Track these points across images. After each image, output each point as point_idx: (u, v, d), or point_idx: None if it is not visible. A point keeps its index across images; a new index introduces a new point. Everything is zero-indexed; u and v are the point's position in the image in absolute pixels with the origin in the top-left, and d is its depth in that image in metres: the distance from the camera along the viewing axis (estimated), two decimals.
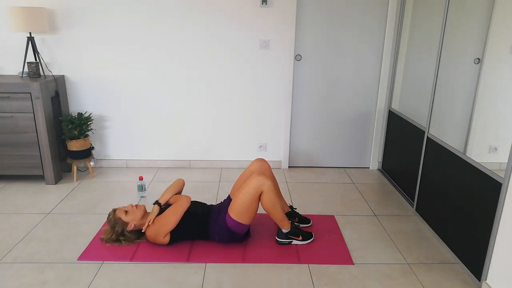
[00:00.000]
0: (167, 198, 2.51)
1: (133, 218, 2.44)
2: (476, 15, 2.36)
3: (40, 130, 3.20)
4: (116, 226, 2.43)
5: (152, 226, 2.41)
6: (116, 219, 2.43)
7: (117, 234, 2.43)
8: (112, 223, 2.44)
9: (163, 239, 2.41)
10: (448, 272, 2.30)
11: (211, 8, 3.40)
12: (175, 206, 2.41)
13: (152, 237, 2.42)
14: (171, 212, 2.39)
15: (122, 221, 2.42)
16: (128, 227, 2.43)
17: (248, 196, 2.33)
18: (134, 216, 2.44)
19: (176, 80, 3.60)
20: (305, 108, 3.74)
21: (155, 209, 2.45)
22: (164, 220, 2.39)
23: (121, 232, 2.43)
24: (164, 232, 2.38)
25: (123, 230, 2.43)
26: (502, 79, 2.10)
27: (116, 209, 2.49)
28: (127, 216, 2.43)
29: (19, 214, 2.86)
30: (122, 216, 2.43)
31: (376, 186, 3.50)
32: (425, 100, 2.95)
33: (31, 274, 2.20)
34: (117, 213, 2.45)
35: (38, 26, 3.16)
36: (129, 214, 2.44)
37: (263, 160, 2.68)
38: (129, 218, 2.43)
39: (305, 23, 3.51)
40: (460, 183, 2.40)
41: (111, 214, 2.47)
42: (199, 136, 3.77)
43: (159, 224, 2.39)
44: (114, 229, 2.44)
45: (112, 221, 2.44)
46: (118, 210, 2.46)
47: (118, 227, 2.43)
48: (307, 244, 2.53)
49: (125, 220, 2.43)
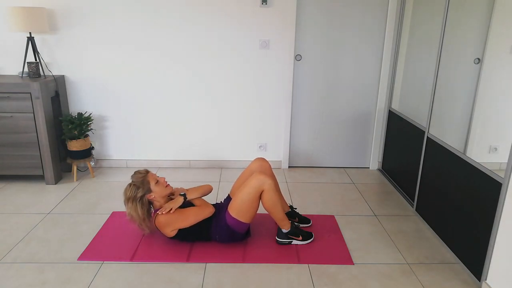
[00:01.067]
0: (194, 197, 2.47)
1: (159, 191, 2.38)
2: (476, 15, 2.36)
3: (40, 130, 3.20)
4: (142, 187, 2.35)
5: (168, 215, 2.35)
6: (145, 181, 2.36)
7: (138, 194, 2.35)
8: (139, 181, 2.36)
9: (170, 232, 2.38)
10: (448, 272, 2.30)
11: (211, 8, 3.40)
12: (199, 210, 2.39)
13: (162, 224, 2.36)
14: (193, 213, 2.37)
15: (149, 187, 2.36)
16: (149, 195, 2.37)
17: (249, 195, 2.33)
18: (161, 191, 2.39)
19: (176, 80, 3.60)
20: (305, 108, 3.74)
21: (179, 200, 2.40)
22: (182, 216, 2.36)
23: (141, 195, 2.35)
24: (176, 226, 2.36)
25: (144, 195, 2.36)
26: (502, 79, 2.10)
27: (149, 171, 2.43)
28: (155, 186, 2.38)
29: (19, 214, 2.86)
30: (152, 182, 2.37)
31: (376, 186, 3.50)
32: (425, 100, 2.95)
33: (31, 274, 2.20)
34: (150, 176, 2.39)
35: (38, 26, 3.16)
36: (158, 185, 2.38)
37: (263, 160, 2.68)
38: (156, 189, 2.37)
39: (305, 23, 3.51)
40: (460, 183, 2.40)
41: (143, 173, 2.39)
42: (199, 136, 3.77)
43: (176, 217, 2.35)
44: (138, 188, 2.35)
45: (140, 180, 2.36)
46: (151, 174, 2.40)
47: (142, 188, 2.35)
48: (307, 244, 2.53)
49: (151, 187, 2.37)
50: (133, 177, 2.40)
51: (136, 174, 2.40)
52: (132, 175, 2.42)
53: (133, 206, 2.35)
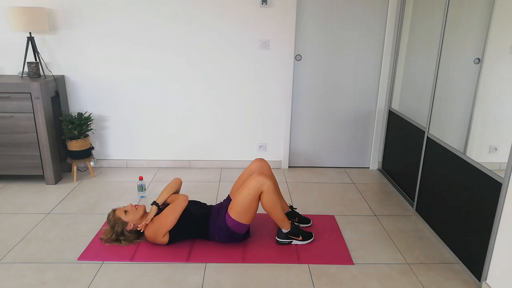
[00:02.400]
0: (164, 198, 2.52)
1: (133, 218, 2.44)
2: (476, 15, 2.35)
3: (40, 130, 3.20)
4: (116, 226, 2.43)
5: (151, 226, 2.41)
6: (115, 219, 2.43)
7: (116, 233, 2.44)
8: (112, 223, 2.44)
9: (162, 239, 2.41)
10: (448, 272, 2.30)
11: (211, 8, 3.40)
12: (173, 205, 2.41)
13: (151, 237, 2.42)
14: (168, 211, 2.39)
15: (121, 221, 2.43)
16: (127, 227, 2.43)
17: (248, 196, 2.33)
18: (134, 216, 2.44)
19: (176, 80, 3.60)
20: (305, 108, 3.74)
21: (153, 209, 2.45)
22: (162, 219, 2.39)
23: (120, 231, 2.44)
24: (162, 232, 2.38)
25: (123, 230, 2.44)
26: (502, 79, 2.10)
27: (115, 209, 2.49)
28: (126, 216, 2.43)
29: (19, 214, 2.86)
30: (122, 215, 2.43)
31: (376, 186, 3.50)
32: (425, 100, 2.95)
33: (31, 274, 2.20)
34: (117, 213, 2.45)
35: (38, 26, 3.16)
36: (129, 214, 2.44)
37: (263, 160, 2.68)
38: (128, 218, 2.43)
39: (305, 23, 3.51)
40: (460, 183, 2.40)
41: (110, 214, 2.47)
42: (199, 136, 3.77)
43: (158, 223, 2.39)
44: (113, 229, 2.44)
45: (112, 221, 2.44)
46: (117, 210, 2.47)
47: (117, 227, 2.43)
48: (307, 244, 2.53)
49: (124, 219, 2.43)
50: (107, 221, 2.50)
51: (107, 219, 2.49)
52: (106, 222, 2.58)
53: (123, 243, 2.46)
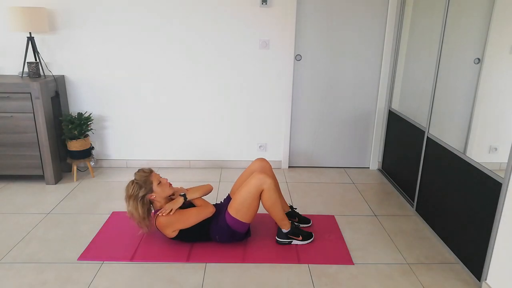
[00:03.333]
0: (194, 197, 2.46)
1: (161, 192, 2.37)
2: (476, 15, 2.35)
3: (40, 130, 3.20)
4: (144, 186, 2.33)
5: (169, 216, 2.35)
6: (148, 181, 2.35)
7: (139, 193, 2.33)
8: (142, 180, 2.34)
9: (171, 233, 2.38)
10: (448, 272, 2.30)
11: (211, 8, 3.40)
12: (200, 210, 2.39)
13: (163, 225, 2.36)
14: (193, 213, 2.37)
15: (151, 187, 2.35)
16: (150, 195, 2.35)
17: (249, 195, 2.33)
18: (162, 192, 2.38)
19: (176, 80, 3.60)
20: (305, 108, 3.74)
21: (180, 201, 2.39)
22: (183, 217, 2.36)
23: (143, 195, 2.33)
24: (177, 227, 2.36)
25: (146, 194, 2.34)
26: (502, 79, 2.10)
27: (153, 171, 2.41)
28: (157, 186, 2.36)
29: (19, 214, 2.86)
30: (155, 183, 2.36)
31: (376, 186, 3.50)
32: (425, 100, 2.95)
33: (31, 274, 2.20)
34: (153, 176, 2.37)
35: (38, 26, 3.16)
36: (161, 186, 2.37)
37: (264, 160, 2.68)
38: (158, 190, 2.36)
39: (305, 23, 3.51)
40: (460, 183, 2.40)
41: (147, 172, 2.37)
42: (199, 136, 3.77)
43: (177, 218, 2.35)
44: (140, 187, 2.32)
45: (143, 180, 2.34)
46: (154, 174, 2.39)
47: (145, 188, 2.33)
48: (307, 244, 2.53)
49: (153, 188, 2.36)
50: (136, 175, 2.38)
51: (139, 173, 2.38)
52: (136, 172, 2.40)
53: (134, 204, 2.34)
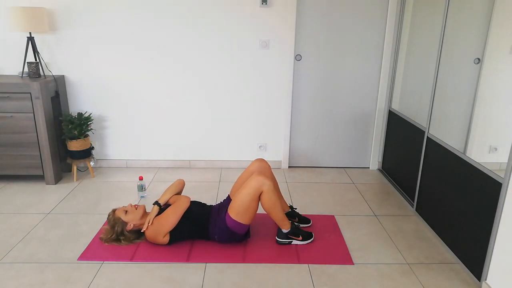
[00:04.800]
0: (166, 198, 2.52)
1: (133, 218, 2.44)
2: (476, 15, 2.35)
3: (40, 130, 3.20)
4: (116, 225, 2.43)
5: (151, 226, 2.41)
6: (115, 218, 2.44)
7: (116, 233, 2.44)
8: (112, 222, 2.45)
9: (162, 239, 2.41)
10: (448, 272, 2.30)
11: (211, 8, 3.40)
12: (175, 206, 2.41)
13: (152, 237, 2.42)
14: (170, 212, 2.39)
15: (121, 221, 2.43)
16: (127, 227, 2.43)
17: (248, 196, 2.33)
18: (134, 216, 2.44)
19: (176, 80, 3.60)
20: (305, 108, 3.74)
21: (155, 209, 2.45)
22: (163, 220, 2.39)
23: (120, 231, 2.44)
24: (163, 232, 2.38)
25: (123, 230, 2.44)
26: (502, 79, 2.10)
27: (115, 209, 2.49)
28: (126, 216, 2.43)
29: (19, 214, 2.86)
30: (122, 215, 2.43)
31: (376, 186, 3.50)
32: (425, 100, 2.95)
33: (31, 274, 2.20)
34: (117, 213, 2.45)
35: (38, 26, 3.16)
36: (129, 214, 2.44)
37: (263, 160, 2.68)
38: (128, 218, 2.43)
39: (305, 23, 3.51)
40: (460, 183, 2.40)
41: (110, 214, 2.47)
42: (199, 136, 3.77)
43: (159, 224, 2.39)
44: (113, 228, 2.44)
45: (112, 221, 2.45)
46: (117, 210, 2.47)
47: (117, 227, 2.43)
48: (307, 244, 2.53)
49: (124, 219, 2.43)
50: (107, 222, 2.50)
51: (107, 219, 2.49)
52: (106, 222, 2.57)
53: (123, 243, 2.46)
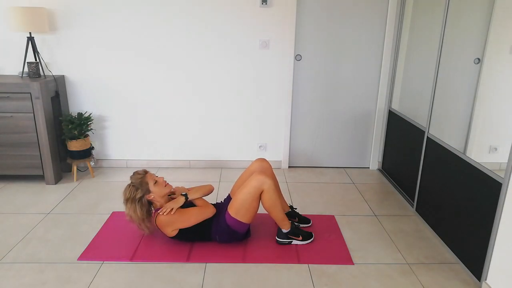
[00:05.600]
0: (196, 197, 2.46)
1: (158, 192, 2.38)
2: (476, 15, 2.36)
3: (40, 130, 3.20)
4: (140, 187, 2.35)
5: (169, 215, 2.34)
6: (143, 182, 2.36)
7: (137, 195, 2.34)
8: (138, 182, 2.36)
9: (171, 232, 2.38)
10: (448, 272, 2.30)
11: (211, 8, 3.40)
12: (201, 210, 2.39)
13: (163, 224, 2.35)
14: (194, 213, 2.37)
15: (147, 187, 2.36)
16: (148, 195, 2.37)
17: (249, 195, 2.33)
18: (160, 191, 2.38)
19: (176, 80, 3.60)
20: (305, 108, 3.74)
21: (181, 200, 2.39)
22: (184, 216, 2.36)
23: (140, 197, 2.35)
24: (177, 226, 2.35)
25: (143, 196, 2.36)
26: (502, 79, 2.10)
27: (148, 172, 2.42)
28: (154, 186, 2.37)
29: (19, 214, 2.86)
30: (151, 183, 2.37)
31: (376, 186, 3.50)
32: (425, 100, 2.95)
33: (31, 274, 2.20)
34: (148, 177, 2.39)
35: (38, 26, 3.16)
36: (157, 185, 2.38)
37: (264, 160, 2.68)
38: (155, 189, 2.37)
39: (305, 23, 3.51)
40: (460, 183, 2.40)
41: (141, 174, 2.39)
42: (199, 136, 3.77)
43: (177, 217, 2.35)
44: (136, 189, 2.35)
45: (139, 181, 2.36)
46: (149, 175, 2.40)
47: (141, 189, 2.35)
48: (307, 244, 2.53)
49: (150, 188, 2.37)
50: (132, 178, 2.40)
51: (134, 175, 2.40)
52: (131, 175, 2.42)
53: (132, 207, 2.35)
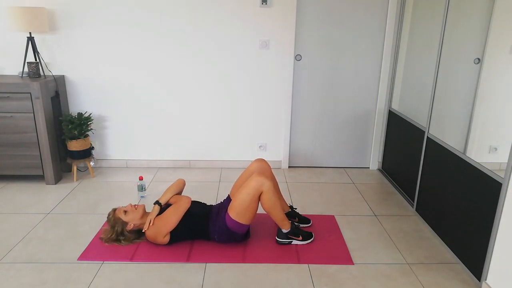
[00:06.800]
0: (167, 198, 2.51)
1: (133, 218, 2.44)
2: (476, 15, 2.35)
3: (40, 130, 3.20)
4: (116, 225, 2.44)
5: (152, 226, 2.41)
6: (115, 218, 2.44)
7: (116, 233, 2.44)
8: (112, 222, 2.45)
9: (163, 239, 2.41)
10: (448, 272, 2.30)
11: (211, 8, 3.40)
12: (175, 206, 2.41)
13: (152, 237, 2.42)
14: (171, 212, 2.40)
15: (121, 221, 2.43)
16: (127, 227, 2.44)
17: (248, 197, 2.33)
18: (134, 216, 2.45)
19: (176, 80, 3.60)
20: (305, 108, 3.74)
21: (156, 209, 2.45)
22: (164, 220, 2.39)
23: (120, 231, 2.44)
24: (164, 232, 2.38)
25: (123, 230, 2.44)
26: (502, 79, 2.10)
27: (115, 208, 2.50)
28: (126, 216, 2.44)
29: (19, 214, 2.86)
30: (122, 215, 2.44)
31: (376, 186, 3.50)
32: (425, 100, 2.95)
33: (31, 274, 2.20)
34: (117, 212, 2.46)
35: (38, 26, 3.16)
36: (129, 214, 2.45)
37: (263, 161, 2.68)
38: (128, 218, 2.44)
39: (305, 23, 3.51)
40: (460, 183, 2.40)
41: (110, 214, 2.48)
42: (199, 136, 3.77)
43: (159, 224, 2.40)
44: (113, 228, 2.44)
45: (112, 221, 2.45)
46: (117, 210, 2.47)
47: (117, 227, 2.44)
48: (307, 244, 2.53)
49: (124, 219, 2.43)
50: (107, 222, 2.51)
51: (107, 219, 2.50)
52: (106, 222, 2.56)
53: (123, 243, 2.46)
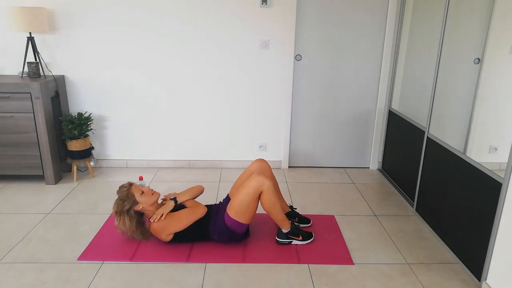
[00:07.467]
0: (185, 199, 2.48)
1: (145, 201, 2.39)
2: (476, 15, 2.36)
3: (40, 130, 3.20)
4: (126, 200, 2.37)
5: (161, 221, 2.37)
6: (129, 194, 2.38)
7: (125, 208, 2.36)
8: (124, 195, 2.38)
9: (166, 237, 2.39)
10: (448, 272, 2.30)
11: (211, 8, 3.40)
12: (191, 211, 2.40)
13: (157, 231, 2.38)
14: (185, 215, 2.38)
15: (134, 199, 2.37)
16: (136, 207, 2.38)
17: (248, 196, 2.33)
18: (148, 200, 2.40)
19: (176, 80, 3.60)
20: (305, 108, 3.74)
21: (171, 205, 2.41)
22: (175, 219, 2.37)
23: (128, 208, 2.37)
24: (170, 231, 2.37)
25: (131, 207, 2.37)
26: (502, 79, 2.10)
27: (132, 183, 2.44)
28: (141, 197, 2.39)
29: (19, 214, 2.86)
30: (137, 194, 2.38)
31: (376, 186, 3.50)
32: (425, 100, 2.95)
33: (31, 274, 2.20)
34: (133, 188, 2.40)
35: (38, 26, 3.16)
36: (144, 195, 2.39)
37: (263, 161, 2.68)
38: (142, 199, 2.38)
39: (305, 23, 3.51)
40: (460, 183, 2.40)
41: (126, 187, 2.41)
42: (199, 136, 3.77)
43: (170, 222, 2.36)
44: (123, 202, 2.37)
45: (125, 194, 2.38)
46: (134, 186, 2.41)
47: (128, 202, 2.36)
48: (307, 244, 2.53)
49: (137, 199, 2.38)
50: (118, 192, 2.43)
51: (120, 189, 2.43)
52: (117, 190, 2.45)
53: (121, 219, 2.38)
